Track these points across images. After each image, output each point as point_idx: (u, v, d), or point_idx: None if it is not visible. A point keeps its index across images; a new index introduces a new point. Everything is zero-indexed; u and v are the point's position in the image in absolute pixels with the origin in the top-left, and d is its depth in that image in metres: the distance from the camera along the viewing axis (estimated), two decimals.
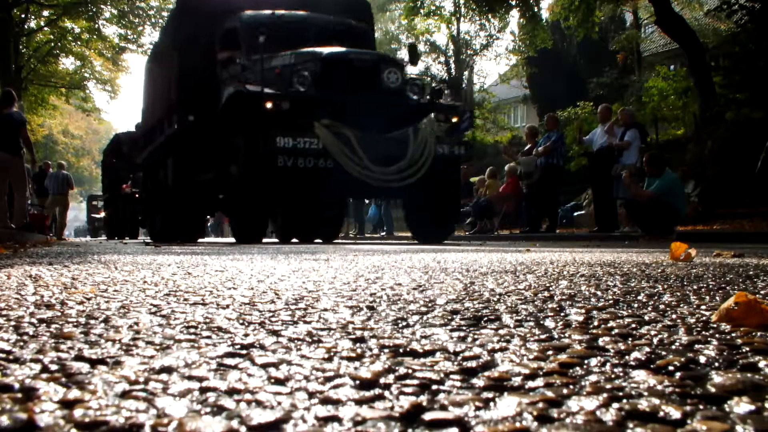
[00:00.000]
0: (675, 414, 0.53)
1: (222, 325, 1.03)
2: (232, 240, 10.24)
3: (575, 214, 15.56)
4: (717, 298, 1.41)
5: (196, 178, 9.91)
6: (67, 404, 0.56)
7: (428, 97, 8.77)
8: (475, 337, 0.92)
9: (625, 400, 0.57)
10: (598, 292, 1.55)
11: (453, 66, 31.03)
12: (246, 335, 0.93)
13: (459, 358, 0.77)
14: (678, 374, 0.68)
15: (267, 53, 8.08)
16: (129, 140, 19.89)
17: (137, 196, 18.34)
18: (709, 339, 0.89)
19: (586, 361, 0.74)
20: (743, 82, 12.94)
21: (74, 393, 0.60)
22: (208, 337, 0.91)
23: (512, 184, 12.94)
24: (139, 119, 20.46)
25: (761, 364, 0.72)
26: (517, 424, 0.51)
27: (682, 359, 0.74)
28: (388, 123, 8.03)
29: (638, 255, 3.77)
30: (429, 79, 19.89)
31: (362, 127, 7.81)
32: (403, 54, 34.52)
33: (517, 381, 0.65)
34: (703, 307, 1.25)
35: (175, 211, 10.65)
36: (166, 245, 7.38)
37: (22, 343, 0.86)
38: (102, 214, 32.08)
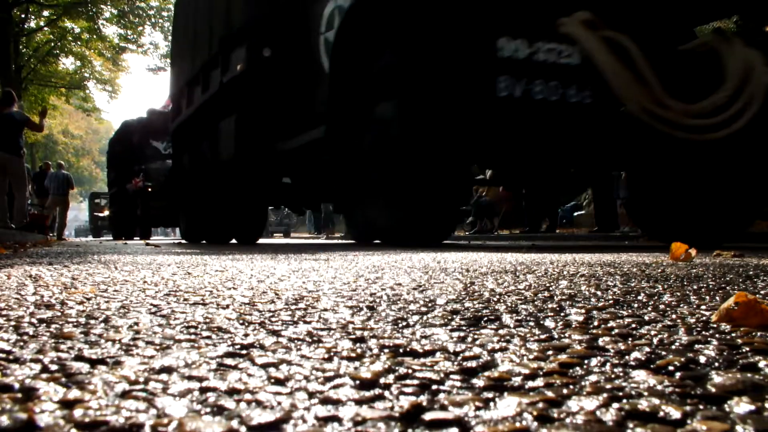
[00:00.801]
0: (675, 414, 0.53)
1: (222, 325, 1.03)
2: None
3: (575, 214, 15.57)
4: (717, 298, 1.41)
5: (275, 146, 6.41)
6: (67, 404, 0.56)
7: None
8: (475, 337, 0.92)
9: (625, 400, 0.57)
10: (598, 292, 1.55)
11: None
12: (246, 335, 0.93)
13: (459, 358, 0.77)
14: (678, 374, 0.68)
15: None
16: (140, 128, 18.42)
17: (150, 190, 17.07)
18: (709, 339, 0.89)
19: (586, 361, 0.74)
20: None
21: (74, 393, 0.60)
22: (208, 337, 0.91)
23: None
24: (146, 111, 19.18)
25: (761, 364, 0.72)
26: (517, 424, 0.51)
27: (682, 359, 0.74)
28: (665, 26, 4.62)
29: (638, 255, 3.77)
30: None
31: (633, 32, 4.27)
32: None
33: (517, 381, 0.65)
34: (703, 307, 1.25)
35: (234, 198, 7.30)
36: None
37: (22, 343, 0.86)
38: (106, 213, 31.02)
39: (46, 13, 25.08)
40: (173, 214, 15.63)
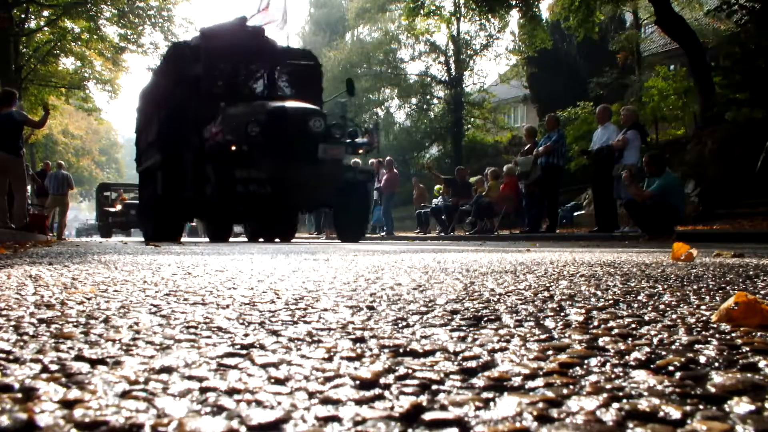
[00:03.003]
0: (675, 414, 0.53)
1: (222, 325, 1.03)
2: None
3: (575, 214, 15.56)
4: (717, 298, 1.41)
5: None
6: (67, 404, 0.56)
7: None
8: (475, 337, 0.92)
9: (625, 400, 0.57)
10: (598, 292, 1.55)
11: (453, 66, 31.03)
12: (246, 335, 0.93)
13: (459, 358, 0.77)
14: (678, 374, 0.68)
15: None
16: (208, 50, 10.11)
17: (234, 148, 9.12)
18: (709, 339, 0.89)
19: (586, 361, 0.74)
20: (743, 82, 12.94)
21: (74, 393, 0.60)
22: (208, 337, 0.91)
23: (510, 184, 12.97)
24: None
25: (761, 364, 0.72)
26: (517, 424, 0.51)
27: (682, 359, 0.74)
28: None
29: (638, 255, 3.77)
30: None
31: None
32: (403, 54, 34.45)
33: (517, 381, 0.65)
34: (703, 307, 1.25)
35: None
36: None
37: (22, 343, 0.86)
38: (118, 207, 25.17)
39: (46, 13, 25.06)
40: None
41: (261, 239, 12.04)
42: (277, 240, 11.86)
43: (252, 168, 9.35)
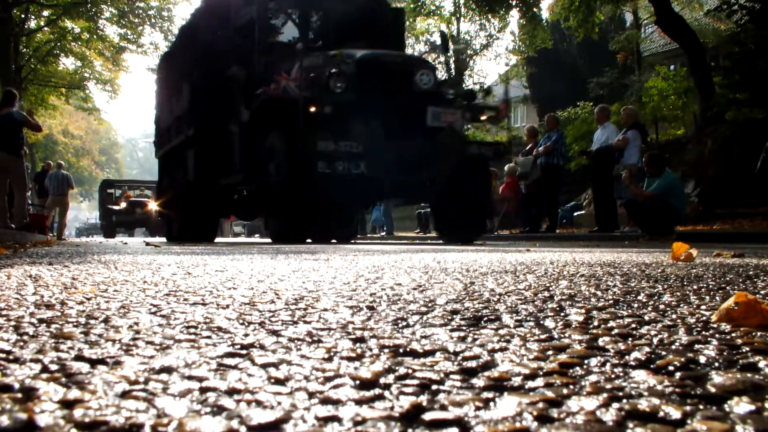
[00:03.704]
0: (675, 414, 0.53)
1: (222, 325, 1.03)
2: None
3: (575, 214, 15.57)
4: (717, 298, 1.41)
5: None
6: (67, 404, 0.56)
7: None
8: (475, 337, 0.92)
9: (625, 400, 0.57)
10: (598, 292, 1.55)
11: (453, 66, 31.03)
12: (246, 335, 0.93)
13: (459, 358, 0.77)
14: (678, 374, 0.68)
15: None
16: None
17: (313, 110, 6.66)
18: (709, 339, 0.89)
19: (586, 361, 0.74)
20: (743, 82, 12.95)
21: (74, 393, 0.60)
22: (208, 337, 0.91)
23: (511, 184, 12.98)
24: None
25: (761, 364, 0.72)
26: (517, 424, 0.51)
27: (682, 359, 0.74)
28: None
29: (638, 255, 3.77)
30: None
31: None
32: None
33: (517, 381, 0.65)
34: (703, 307, 1.25)
35: None
36: None
37: (22, 343, 0.86)
38: (123, 205, 23.56)
39: (46, 13, 25.09)
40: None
41: (309, 240, 8.09)
42: (333, 241, 8.64)
43: (338, 138, 6.59)
